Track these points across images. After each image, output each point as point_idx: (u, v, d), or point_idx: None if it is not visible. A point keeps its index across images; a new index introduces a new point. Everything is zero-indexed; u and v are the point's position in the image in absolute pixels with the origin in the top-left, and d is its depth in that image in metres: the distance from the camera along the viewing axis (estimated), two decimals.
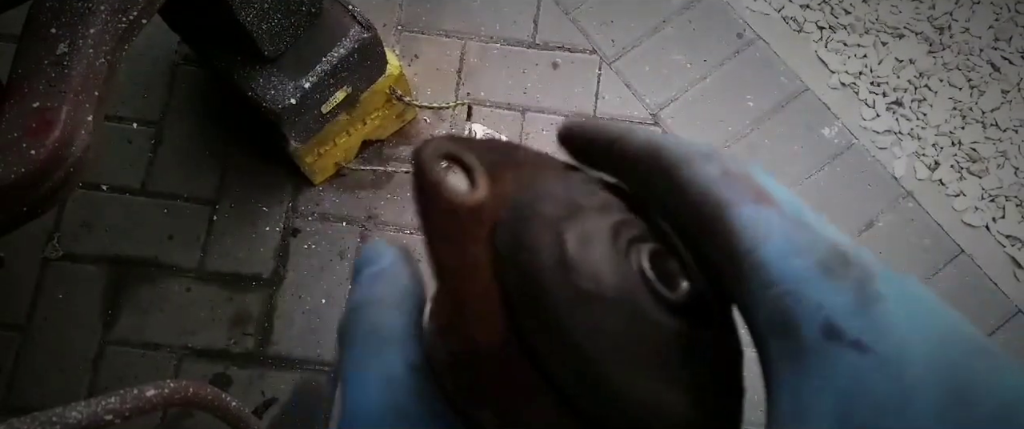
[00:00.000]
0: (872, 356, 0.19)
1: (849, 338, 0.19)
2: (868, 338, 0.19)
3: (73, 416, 0.81)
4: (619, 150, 0.25)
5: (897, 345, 0.19)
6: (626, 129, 0.26)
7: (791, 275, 0.20)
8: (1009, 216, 1.70)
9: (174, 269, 1.68)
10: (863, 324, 0.19)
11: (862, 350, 0.19)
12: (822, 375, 0.19)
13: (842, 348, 0.19)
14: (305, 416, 1.59)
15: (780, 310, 0.20)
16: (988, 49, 1.82)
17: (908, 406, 0.18)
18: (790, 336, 0.20)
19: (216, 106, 1.78)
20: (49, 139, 0.85)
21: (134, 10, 0.94)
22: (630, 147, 0.25)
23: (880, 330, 0.19)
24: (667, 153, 0.24)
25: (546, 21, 1.85)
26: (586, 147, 0.27)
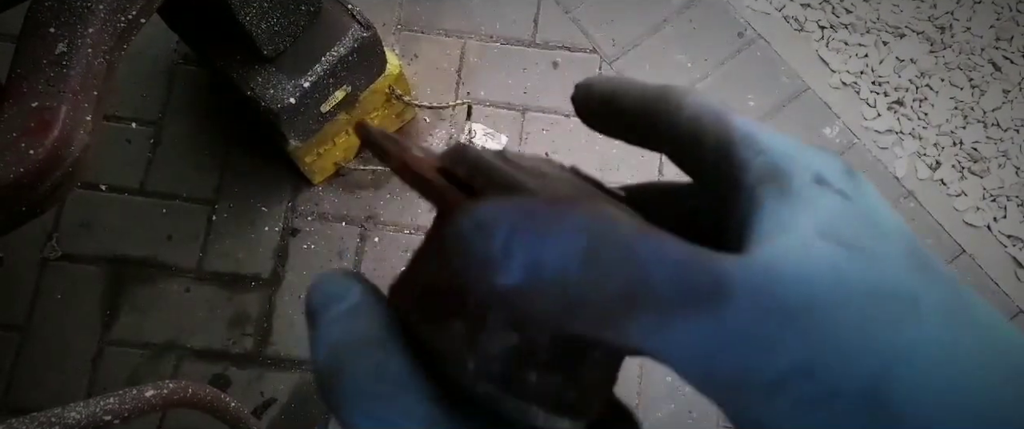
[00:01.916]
0: (853, 204, 0.21)
1: (835, 187, 0.21)
2: (851, 193, 0.21)
3: (72, 416, 0.81)
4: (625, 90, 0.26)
5: (872, 206, 0.21)
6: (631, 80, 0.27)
7: (785, 145, 0.22)
8: (1010, 216, 1.70)
9: (173, 269, 1.67)
10: (848, 184, 0.21)
11: (845, 197, 0.21)
12: (808, 205, 0.20)
13: (829, 191, 0.21)
14: (304, 417, 1.59)
15: (772, 164, 0.22)
16: (989, 48, 1.82)
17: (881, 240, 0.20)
18: (780, 180, 0.21)
19: (215, 106, 1.78)
20: (48, 139, 0.85)
21: (133, 9, 0.94)
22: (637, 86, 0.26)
23: (860, 192, 0.21)
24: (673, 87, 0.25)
25: (546, 20, 1.85)
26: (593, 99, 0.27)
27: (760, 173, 0.22)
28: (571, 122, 1.76)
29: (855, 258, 0.19)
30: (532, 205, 0.20)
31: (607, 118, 0.27)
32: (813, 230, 0.20)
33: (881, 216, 0.21)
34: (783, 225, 0.20)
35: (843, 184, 0.21)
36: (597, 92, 0.27)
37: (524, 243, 0.19)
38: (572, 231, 0.19)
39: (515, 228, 0.20)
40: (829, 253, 0.19)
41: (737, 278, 0.18)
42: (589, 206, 0.20)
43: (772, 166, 0.22)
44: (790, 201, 0.21)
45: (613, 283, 0.19)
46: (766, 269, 0.19)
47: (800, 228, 0.20)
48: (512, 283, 0.19)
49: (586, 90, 0.27)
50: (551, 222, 0.19)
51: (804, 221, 0.20)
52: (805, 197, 0.21)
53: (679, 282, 0.19)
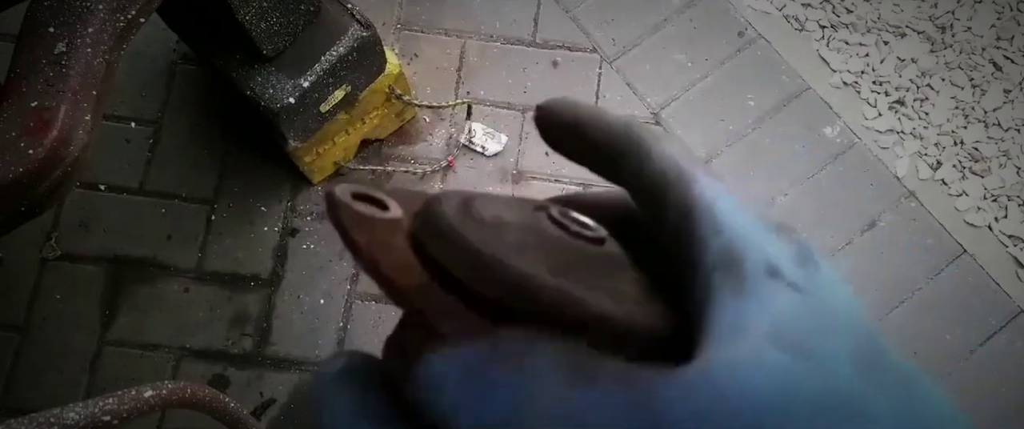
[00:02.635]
0: (805, 297, 0.21)
1: (787, 279, 0.22)
2: (803, 285, 0.22)
3: (71, 417, 0.81)
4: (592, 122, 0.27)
5: (824, 298, 0.21)
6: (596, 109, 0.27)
7: (742, 226, 0.23)
8: (1011, 216, 1.70)
9: (172, 269, 1.67)
10: (800, 274, 0.22)
11: (797, 290, 0.21)
12: (760, 302, 0.21)
13: (781, 285, 0.21)
14: (304, 417, 1.58)
15: (728, 250, 0.22)
16: (990, 48, 1.82)
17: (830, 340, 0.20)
18: (734, 270, 0.22)
19: (214, 105, 1.78)
20: (47, 138, 0.84)
21: (132, 9, 0.93)
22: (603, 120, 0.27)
23: (813, 282, 0.22)
24: (639, 128, 0.26)
25: (546, 20, 1.84)
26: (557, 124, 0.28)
27: (716, 257, 0.22)
28: None
29: (804, 367, 0.19)
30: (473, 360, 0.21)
31: (571, 147, 0.28)
32: (763, 334, 0.20)
33: (833, 309, 0.21)
34: (734, 325, 0.20)
35: (796, 275, 0.22)
36: (562, 119, 0.28)
37: (469, 399, 0.20)
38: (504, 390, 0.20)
39: (459, 387, 0.21)
40: (778, 363, 0.19)
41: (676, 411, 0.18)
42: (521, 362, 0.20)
43: (727, 252, 0.22)
44: (743, 297, 0.21)
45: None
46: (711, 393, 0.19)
47: (751, 332, 0.20)
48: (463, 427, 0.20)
49: (550, 114, 0.28)
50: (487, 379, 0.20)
51: (755, 323, 0.20)
52: (758, 293, 0.21)
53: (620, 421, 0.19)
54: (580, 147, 0.27)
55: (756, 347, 0.19)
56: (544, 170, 1.73)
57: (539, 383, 0.20)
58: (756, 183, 1.72)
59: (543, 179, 1.72)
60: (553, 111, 0.28)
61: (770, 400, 0.18)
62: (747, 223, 0.23)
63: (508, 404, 0.20)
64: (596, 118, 0.27)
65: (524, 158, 1.73)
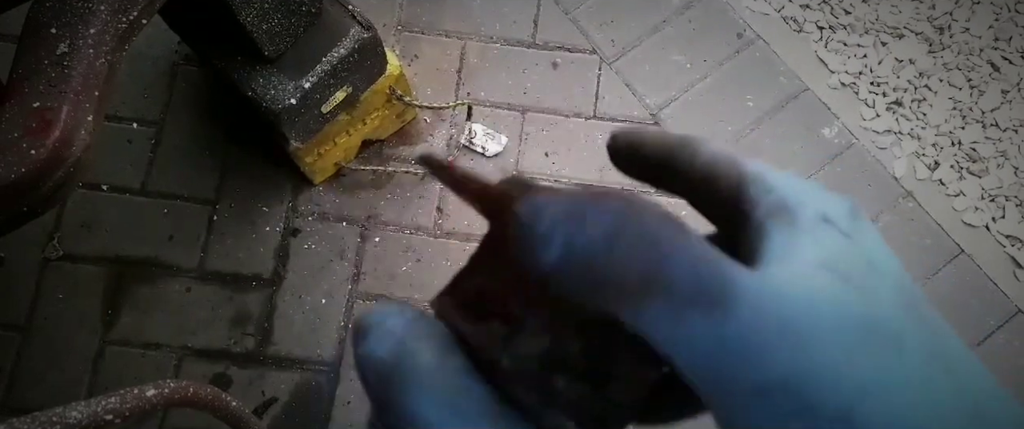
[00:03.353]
0: (854, 243, 0.22)
1: (839, 227, 0.23)
2: (854, 234, 0.23)
3: (73, 416, 0.81)
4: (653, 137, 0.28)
5: (872, 248, 0.23)
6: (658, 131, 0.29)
7: (794, 185, 0.24)
8: (1009, 216, 1.70)
9: (174, 269, 1.68)
10: (851, 225, 0.23)
11: (847, 237, 0.23)
12: (811, 240, 0.22)
13: (832, 230, 0.23)
14: (305, 416, 1.59)
15: (781, 201, 0.24)
16: (988, 49, 1.82)
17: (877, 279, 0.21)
18: (788, 216, 0.23)
19: (216, 106, 1.79)
20: (49, 139, 0.85)
21: (134, 10, 0.94)
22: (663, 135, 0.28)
23: (862, 234, 0.23)
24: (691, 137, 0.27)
25: (546, 21, 1.85)
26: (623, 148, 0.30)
27: (769, 209, 0.24)
28: (570, 122, 1.77)
29: (850, 290, 0.21)
30: (578, 195, 0.22)
31: (632, 163, 0.29)
32: (814, 261, 0.21)
33: (879, 257, 0.22)
34: (788, 254, 0.22)
35: (846, 225, 0.23)
36: (624, 141, 0.29)
37: (565, 225, 0.21)
38: (604, 214, 0.21)
39: (560, 213, 0.22)
40: (827, 282, 0.21)
41: (744, 288, 0.20)
42: (625, 195, 0.22)
43: (781, 203, 0.24)
44: (795, 233, 0.22)
45: (632, 267, 0.21)
46: (770, 286, 0.20)
47: (803, 257, 0.21)
48: (552, 259, 0.22)
49: (615, 138, 0.30)
50: (589, 207, 0.21)
51: (807, 252, 0.22)
52: (809, 231, 0.22)
53: (693, 279, 0.20)
54: (641, 159, 0.29)
55: (809, 270, 0.21)
56: (544, 171, 1.73)
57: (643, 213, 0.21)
58: None
59: (543, 179, 1.72)
60: (618, 134, 0.30)
61: (816, 308, 0.20)
62: (799, 183, 0.24)
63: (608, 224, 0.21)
64: (655, 133, 0.28)
65: (524, 159, 1.74)
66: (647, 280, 0.20)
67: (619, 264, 0.21)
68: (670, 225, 0.21)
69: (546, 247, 0.21)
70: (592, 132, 1.76)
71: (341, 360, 1.62)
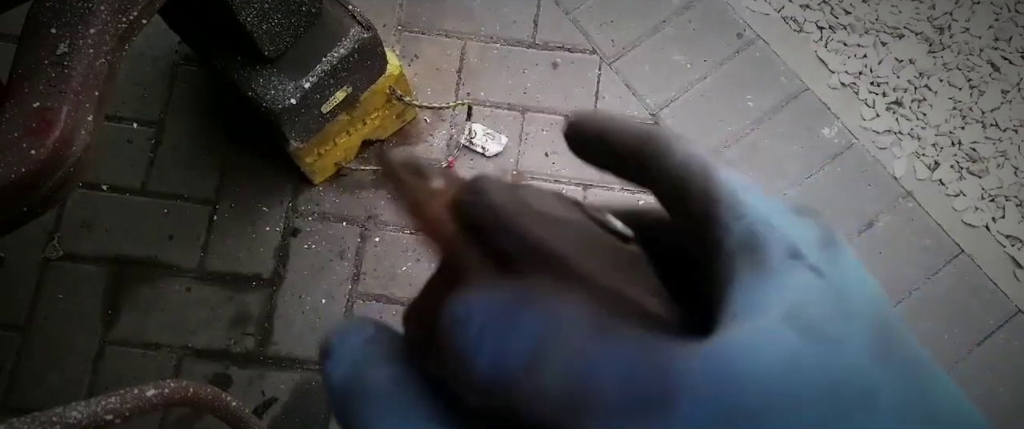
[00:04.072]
0: (825, 280, 0.21)
1: (808, 262, 0.22)
2: (824, 268, 0.22)
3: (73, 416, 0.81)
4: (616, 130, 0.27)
5: (845, 282, 0.21)
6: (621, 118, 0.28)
7: (764, 210, 0.23)
8: (1009, 216, 1.70)
9: (174, 269, 1.68)
10: (822, 257, 0.22)
11: (818, 274, 0.21)
12: (779, 283, 0.21)
13: (802, 267, 0.21)
14: (305, 416, 1.59)
15: (749, 232, 0.22)
16: (988, 49, 1.82)
17: (845, 324, 0.20)
18: (755, 252, 0.22)
19: (216, 106, 1.79)
20: (49, 139, 0.85)
21: (134, 10, 0.94)
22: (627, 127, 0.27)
23: (834, 266, 0.22)
24: (662, 131, 0.26)
25: (546, 21, 1.85)
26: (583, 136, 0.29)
27: (738, 240, 0.22)
28: None
29: (816, 347, 0.19)
30: (502, 302, 0.21)
31: (598, 155, 0.28)
32: (780, 313, 0.20)
33: (852, 294, 0.21)
34: (753, 305, 0.21)
35: (817, 258, 0.22)
36: (588, 128, 0.28)
37: (492, 337, 0.20)
38: (526, 331, 0.20)
39: (484, 325, 0.21)
40: (791, 343, 0.19)
41: (688, 379, 0.19)
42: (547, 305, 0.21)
43: (750, 235, 0.22)
44: (763, 277, 0.21)
45: (557, 392, 0.19)
46: (722, 367, 0.19)
47: (768, 310, 0.20)
48: (483, 370, 0.20)
49: (577, 126, 0.28)
50: (514, 317, 0.20)
51: (773, 301, 0.20)
52: (778, 274, 0.21)
53: (627, 390, 0.19)
54: (606, 154, 0.28)
55: (771, 326, 0.20)
56: (544, 171, 1.73)
57: (564, 329, 0.20)
58: None
59: (543, 180, 1.72)
60: (579, 124, 0.28)
61: (780, 379, 0.18)
62: (769, 207, 0.23)
63: (529, 347, 0.20)
64: (619, 126, 0.27)
65: (524, 159, 1.74)
66: (575, 401, 0.19)
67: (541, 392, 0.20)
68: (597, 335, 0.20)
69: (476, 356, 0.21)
70: None
71: None
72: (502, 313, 0.21)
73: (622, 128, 0.27)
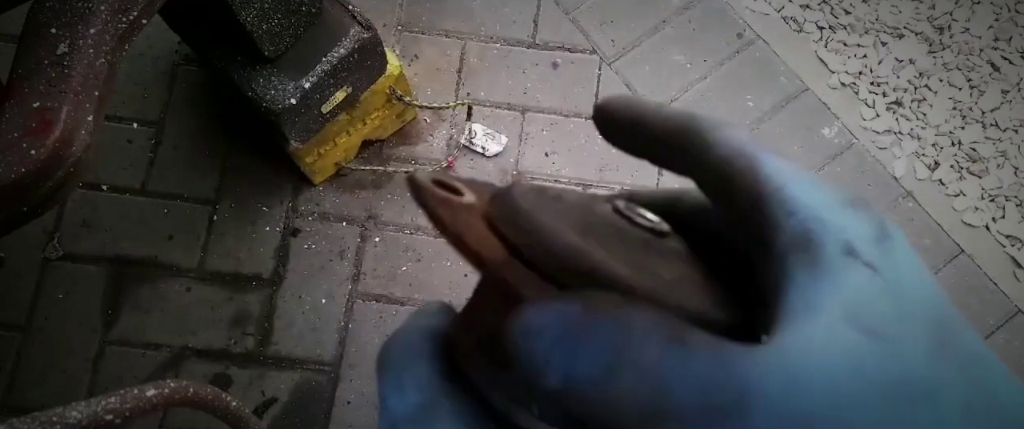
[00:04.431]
0: (880, 279, 0.21)
1: (864, 259, 0.21)
2: (879, 264, 0.21)
3: (73, 416, 0.81)
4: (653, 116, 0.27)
5: (901, 277, 0.21)
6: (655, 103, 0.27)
7: (817, 205, 0.23)
8: (1009, 216, 1.70)
9: (174, 269, 1.68)
10: (877, 252, 0.22)
11: (873, 270, 0.21)
12: (835, 282, 0.21)
13: (858, 264, 0.21)
14: (305, 416, 1.59)
15: (804, 231, 0.22)
16: (988, 49, 1.82)
17: (904, 323, 0.20)
18: (811, 250, 0.22)
19: (216, 106, 1.79)
20: (49, 139, 0.85)
21: (134, 10, 0.94)
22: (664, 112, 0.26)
23: (890, 260, 0.22)
24: (701, 118, 0.26)
25: (546, 21, 1.85)
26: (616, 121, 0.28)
27: (791, 238, 0.22)
28: (570, 122, 1.77)
29: (877, 348, 0.19)
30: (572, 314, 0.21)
31: (633, 141, 0.28)
32: (839, 313, 0.20)
33: (909, 290, 0.21)
34: (810, 305, 0.21)
35: (872, 254, 0.22)
36: (621, 115, 0.28)
37: (560, 354, 0.20)
38: (599, 346, 0.20)
39: (555, 338, 0.20)
40: (852, 344, 0.19)
41: (758, 386, 0.19)
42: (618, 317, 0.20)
43: (803, 232, 0.22)
44: (819, 277, 0.21)
45: (633, 403, 0.19)
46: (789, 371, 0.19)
47: (827, 311, 0.20)
48: (553, 386, 0.20)
49: (609, 111, 0.28)
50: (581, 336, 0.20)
51: (831, 302, 0.20)
52: (834, 273, 0.21)
53: (702, 400, 0.19)
54: (642, 141, 0.27)
55: (831, 327, 0.20)
56: (544, 170, 1.73)
57: (637, 340, 0.20)
58: None
59: (543, 179, 1.72)
60: (611, 108, 0.28)
61: (844, 380, 0.19)
62: (821, 201, 0.23)
63: (604, 359, 0.20)
64: (655, 111, 0.27)
65: (524, 159, 1.74)
66: (652, 413, 0.19)
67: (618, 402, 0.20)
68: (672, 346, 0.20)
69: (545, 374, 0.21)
70: (592, 132, 1.76)
71: (341, 360, 1.62)
72: (574, 325, 0.20)
73: (659, 114, 0.27)
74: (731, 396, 0.19)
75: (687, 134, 0.25)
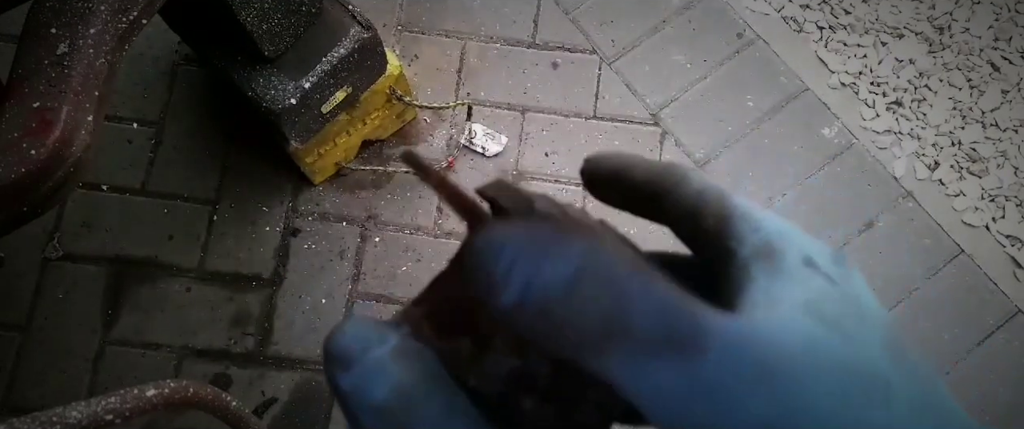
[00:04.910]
0: (838, 289, 0.22)
1: (823, 271, 0.22)
2: (838, 278, 0.22)
3: (73, 416, 0.81)
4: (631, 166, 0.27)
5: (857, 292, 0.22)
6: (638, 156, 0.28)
7: (780, 226, 0.24)
8: (1009, 216, 1.70)
9: (174, 269, 1.68)
10: (835, 271, 0.23)
11: (832, 282, 0.22)
12: (796, 284, 0.22)
13: (817, 274, 0.22)
14: (305, 416, 1.59)
15: (767, 243, 0.23)
16: (988, 49, 1.82)
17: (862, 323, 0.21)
18: (773, 259, 0.22)
19: (216, 106, 1.79)
20: (49, 139, 0.85)
21: (134, 10, 0.94)
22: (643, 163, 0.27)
23: (847, 279, 0.23)
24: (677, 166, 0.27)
25: (546, 21, 1.85)
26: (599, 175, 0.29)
27: (754, 248, 0.23)
28: (570, 122, 1.77)
29: (836, 335, 0.20)
30: (537, 231, 0.21)
31: (614, 192, 0.28)
32: (799, 305, 0.21)
33: (864, 302, 0.22)
34: (771, 297, 0.21)
35: (831, 269, 0.23)
36: (605, 167, 0.28)
37: (523, 265, 0.20)
38: (564, 258, 0.20)
39: (519, 251, 0.20)
40: (810, 327, 0.20)
41: (719, 331, 0.19)
42: (588, 236, 0.20)
43: (766, 243, 0.23)
44: (780, 276, 0.22)
45: (593, 313, 0.19)
46: (747, 329, 0.19)
47: (788, 300, 0.21)
48: (509, 302, 0.20)
49: (595, 164, 0.29)
50: (548, 248, 0.20)
51: (792, 295, 0.21)
52: (794, 275, 0.22)
53: (660, 325, 0.19)
54: (622, 191, 0.28)
55: (792, 313, 0.20)
56: (544, 170, 1.73)
57: (606, 257, 0.20)
58: (755, 184, 1.73)
59: (543, 180, 1.72)
60: (595, 163, 0.29)
61: (802, 355, 0.19)
62: (784, 225, 0.24)
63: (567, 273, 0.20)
64: (635, 162, 0.27)
65: (524, 159, 1.74)
66: (609, 326, 0.19)
67: (579, 310, 0.19)
68: (638, 270, 0.20)
69: (503, 288, 0.20)
70: (592, 132, 1.76)
71: None
72: (538, 242, 0.20)
73: (638, 164, 0.27)
74: (689, 330, 0.19)
75: (665, 176, 0.26)
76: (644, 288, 0.19)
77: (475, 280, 0.21)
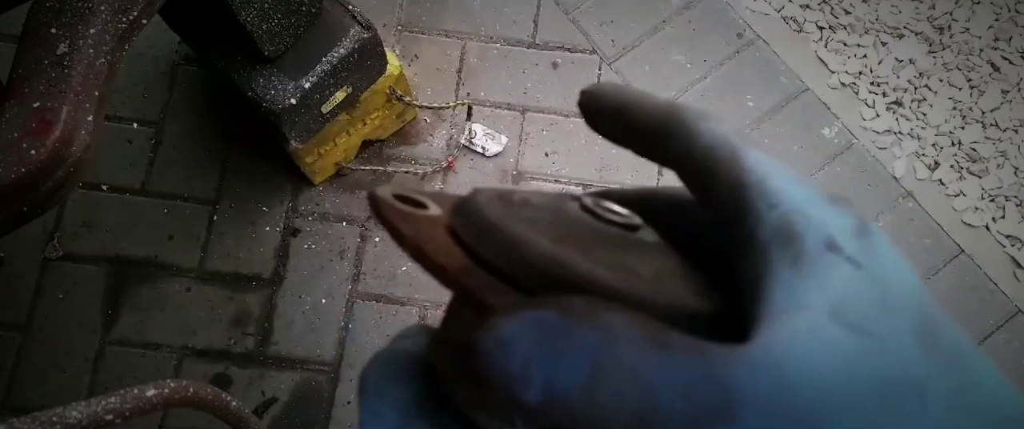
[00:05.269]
0: (863, 273, 0.21)
1: (846, 253, 0.21)
2: (862, 259, 0.21)
3: (73, 416, 0.81)
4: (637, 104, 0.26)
5: (883, 271, 0.21)
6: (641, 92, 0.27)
7: (799, 198, 0.23)
8: (1009, 216, 1.70)
9: (174, 269, 1.68)
10: (859, 246, 0.22)
11: (856, 265, 0.21)
12: (818, 277, 0.21)
13: (840, 259, 0.21)
14: (305, 416, 1.59)
15: (786, 224, 0.22)
16: (988, 49, 1.82)
17: (888, 318, 0.20)
18: (793, 244, 0.22)
19: (216, 106, 1.79)
20: (49, 139, 0.85)
21: (134, 10, 0.94)
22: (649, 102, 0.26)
23: (871, 255, 0.22)
24: (687, 108, 0.26)
25: (546, 21, 1.85)
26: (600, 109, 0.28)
27: (773, 231, 0.22)
28: (570, 122, 1.77)
29: (863, 344, 0.19)
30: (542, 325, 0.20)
31: (617, 130, 0.27)
32: (824, 309, 0.20)
33: (891, 284, 0.21)
34: (794, 301, 0.20)
35: (854, 248, 0.22)
36: (607, 103, 0.27)
37: (540, 365, 0.19)
38: (577, 353, 0.19)
39: (532, 348, 0.20)
40: (838, 341, 0.19)
41: (746, 390, 0.18)
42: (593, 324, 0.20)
43: (785, 225, 0.22)
44: (802, 272, 0.21)
45: (620, 412, 0.19)
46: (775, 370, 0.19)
47: (811, 306, 0.20)
48: (534, 401, 0.20)
49: (594, 99, 0.28)
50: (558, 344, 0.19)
51: (815, 298, 0.20)
52: (817, 268, 0.21)
53: (688, 402, 0.19)
54: (625, 129, 0.27)
55: (816, 324, 0.20)
56: (544, 170, 1.73)
57: (616, 347, 0.19)
58: None
59: (543, 179, 1.72)
60: (597, 95, 0.27)
61: (831, 378, 0.19)
62: (803, 196, 0.23)
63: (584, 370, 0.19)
64: (640, 100, 0.26)
65: (524, 159, 1.74)
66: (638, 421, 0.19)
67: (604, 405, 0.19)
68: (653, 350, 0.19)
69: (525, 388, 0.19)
70: (592, 132, 1.75)
71: (341, 360, 1.62)
72: (551, 333, 0.20)
73: (643, 103, 0.26)
74: (718, 397, 0.19)
75: (672, 122, 0.25)
76: (663, 369, 0.19)
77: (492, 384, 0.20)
